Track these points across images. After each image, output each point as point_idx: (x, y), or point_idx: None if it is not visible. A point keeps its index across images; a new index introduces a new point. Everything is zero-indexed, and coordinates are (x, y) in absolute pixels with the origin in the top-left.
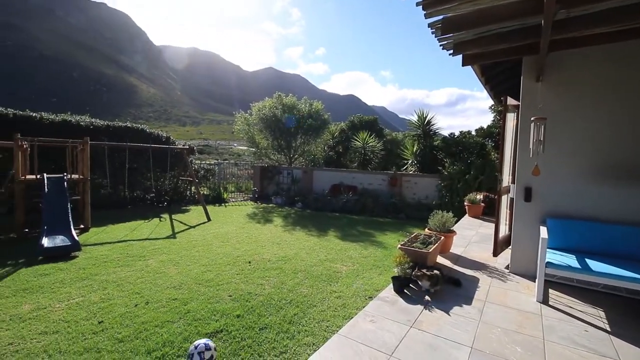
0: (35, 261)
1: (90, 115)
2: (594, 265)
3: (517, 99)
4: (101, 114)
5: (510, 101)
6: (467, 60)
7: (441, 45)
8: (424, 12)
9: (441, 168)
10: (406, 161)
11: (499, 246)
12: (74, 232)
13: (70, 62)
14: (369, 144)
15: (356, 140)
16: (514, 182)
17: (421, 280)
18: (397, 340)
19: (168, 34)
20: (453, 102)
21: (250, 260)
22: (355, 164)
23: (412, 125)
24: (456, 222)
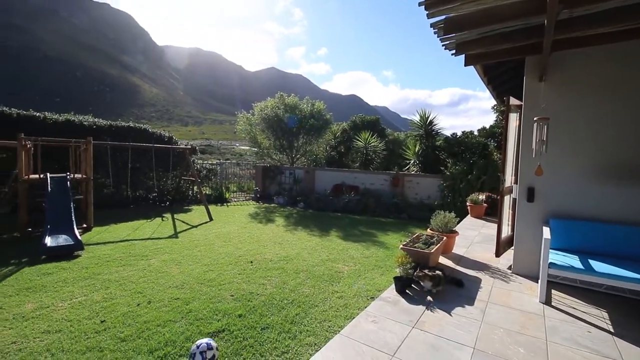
0: (38, 260)
1: (93, 115)
2: (597, 265)
3: (520, 99)
4: (104, 113)
5: (513, 101)
6: (469, 60)
7: (443, 45)
8: (427, 12)
9: (443, 168)
10: (408, 161)
11: (501, 247)
12: (76, 232)
13: (74, 62)
14: (371, 144)
15: (358, 140)
16: (516, 183)
17: (423, 280)
18: (399, 340)
19: (170, 34)
20: (455, 102)
21: (252, 260)
22: (357, 164)
23: (414, 125)
24: (458, 223)
